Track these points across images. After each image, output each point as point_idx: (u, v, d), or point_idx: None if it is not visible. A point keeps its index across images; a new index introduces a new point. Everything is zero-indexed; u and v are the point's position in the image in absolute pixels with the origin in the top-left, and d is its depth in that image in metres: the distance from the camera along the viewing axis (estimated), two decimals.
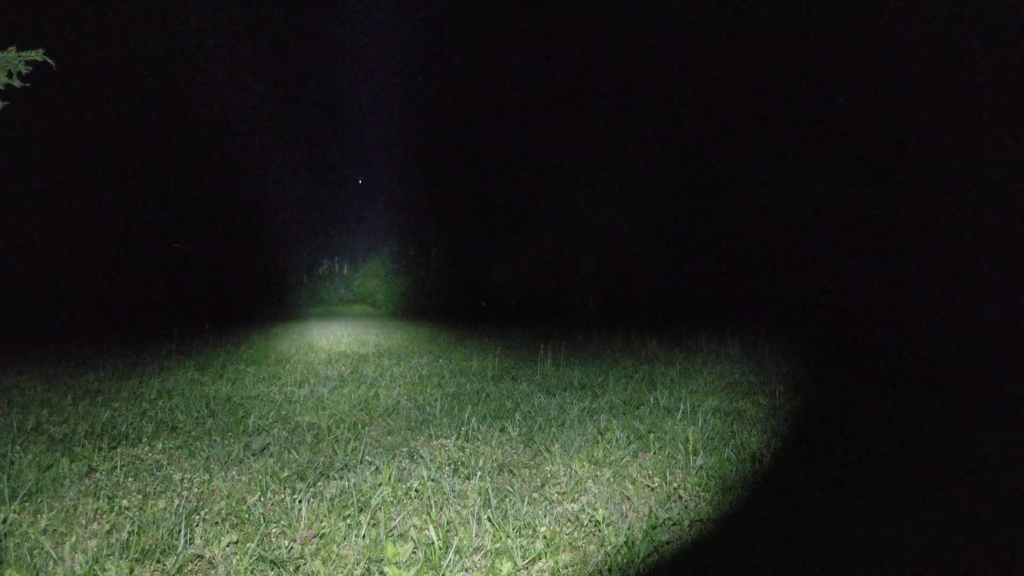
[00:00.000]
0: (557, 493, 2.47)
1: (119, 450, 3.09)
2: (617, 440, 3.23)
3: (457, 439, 3.32)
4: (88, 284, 14.91)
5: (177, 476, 2.65)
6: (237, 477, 2.65)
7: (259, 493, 2.41)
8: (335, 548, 1.93)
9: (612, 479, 2.63)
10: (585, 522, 2.14)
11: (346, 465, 2.81)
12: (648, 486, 2.55)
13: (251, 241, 22.41)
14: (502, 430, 3.50)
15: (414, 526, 2.11)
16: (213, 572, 1.81)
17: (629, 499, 2.39)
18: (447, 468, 2.80)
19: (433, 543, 1.92)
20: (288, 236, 26.56)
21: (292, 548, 1.93)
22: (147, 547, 1.91)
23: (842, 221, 15.37)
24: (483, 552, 1.92)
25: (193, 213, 18.32)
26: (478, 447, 3.16)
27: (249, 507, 2.26)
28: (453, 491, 2.44)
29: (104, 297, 15.24)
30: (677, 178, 18.09)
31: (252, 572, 1.79)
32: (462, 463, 2.87)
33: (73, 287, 14.42)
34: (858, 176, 14.51)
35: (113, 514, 2.21)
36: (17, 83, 2.96)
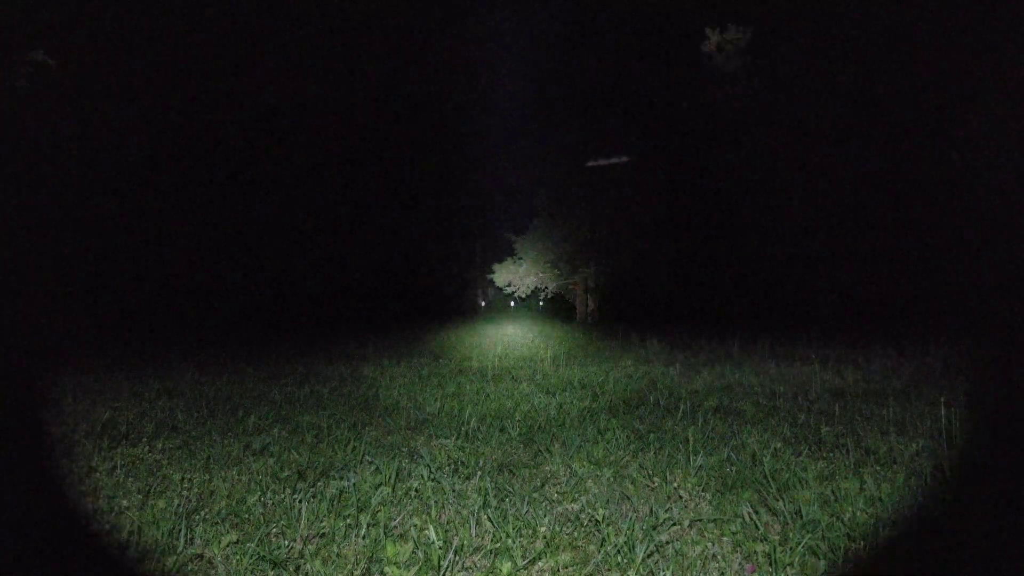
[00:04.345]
0: (557, 493, 2.47)
1: (119, 450, 3.09)
2: (617, 440, 3.23)
3: (457, 439, 3.32)
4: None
5: (177, 476, 2.65)
6: (237, 477, 2.65)
7: (259, 493, 2.41)
8: (335, 548, 1.93)
9: (612, 479, 2.62)
10: (585, 522, 2.14)
11: (346, 465, 2.81)
12: (648, 486, 2.55)
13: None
14: (502, 430, 3.50)
15: (414, 526, 2.11)
16: (213, 572, 1.81)
17: (629, 499, 2.39)
18: (447, 468, 2.80)
19: (433, 543, 1.92)
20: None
21: (292, 548, 1.93)
22: (147, 547, 1.91)
23: (841, 222, 15.37)
24: (483, 552, 1.92)
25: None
26: (478, 447, 3.16)
27: (249, 507, 2.26)
28: (453, 491, 2.44)
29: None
30: (678, 178, 18.10)
31: (252, 572, 1.79)
32: (462, 463, 2.87)
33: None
34: (857, 176, 14.51)
35: (113, 514, 2.21)
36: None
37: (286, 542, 1.97)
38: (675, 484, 2.54)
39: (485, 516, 2.17)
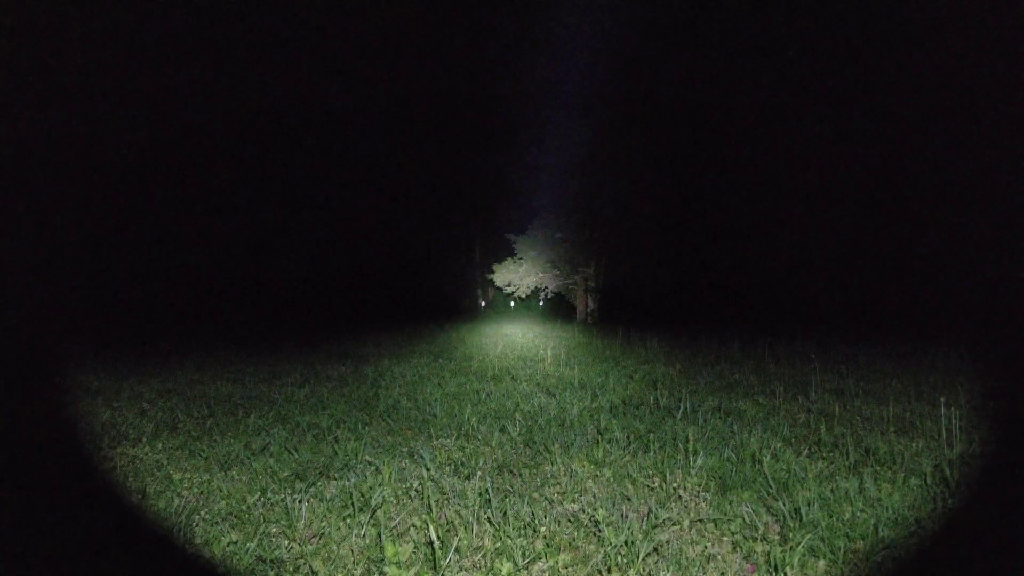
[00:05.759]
0: (557, 493, 2.47)
1: (119, 450, 3.09)
2: (617, 440, 3.23)
3: (457, 439, 3.32)
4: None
5: (177, 476, 2.65)
6: (237, 477, 2.65)
7: (259, 493, 2.41)
8: (335, 548, 1.93)
9: (612, 479, 2.62)
10: (585, 522, 2.14)
11: (346, 465, 2.81)
12: (648, 486, 2.55)
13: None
14: (502, 430, 3.50)
15: (414, 526, 2.11)
16: (213, 572, 1.81)
17: (629, 499, 2.39)
18: (447, 468, 2.80)
19: (433, 543, 1.92)
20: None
21: (292, 548, 1.93)
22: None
23: (842, 222, 15.37)
24: (483, 552, 1.92)
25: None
26: (478, 447, 3.16)
27: (249, 507, 2.26)
28: (453, 491, 2.44)
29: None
30: (679, 179, 18.10)
31: (252, 572, 1.79)
32: (462, 463, 2.86)
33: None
34: (856, 177, 14.50)
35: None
36: None
37: (286, 542, 1.97)
38: (675, 484, 2.54)
39: (485, 516, 2.17)
